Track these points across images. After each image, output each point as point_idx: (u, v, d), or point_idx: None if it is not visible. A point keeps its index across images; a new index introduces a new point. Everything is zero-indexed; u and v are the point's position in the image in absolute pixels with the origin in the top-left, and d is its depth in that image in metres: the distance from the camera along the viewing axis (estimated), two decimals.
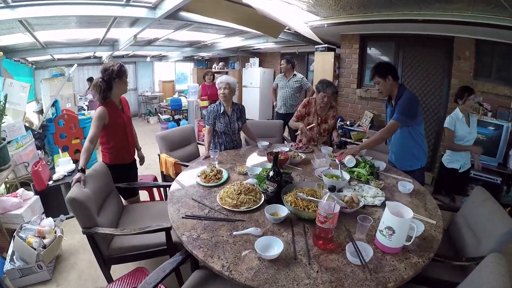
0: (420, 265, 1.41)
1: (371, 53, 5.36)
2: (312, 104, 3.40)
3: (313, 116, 3.38)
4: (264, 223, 1.73)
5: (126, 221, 2.41)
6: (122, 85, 2.51)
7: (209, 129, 3.09)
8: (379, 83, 2.53)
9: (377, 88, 2.59)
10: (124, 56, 9.27)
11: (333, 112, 3.42)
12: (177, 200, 2.00)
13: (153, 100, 10.60)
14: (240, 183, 2.04)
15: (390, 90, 2.55)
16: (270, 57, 9.12)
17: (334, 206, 1.41)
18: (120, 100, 2.61)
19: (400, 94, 2.51)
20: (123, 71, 2.47)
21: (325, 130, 3.42)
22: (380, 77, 2.50)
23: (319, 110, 3.37)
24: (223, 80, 3.02)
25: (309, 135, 3.46)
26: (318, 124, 3.38)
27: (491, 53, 4.01)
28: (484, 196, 2.06)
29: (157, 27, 5.04)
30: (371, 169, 2.43)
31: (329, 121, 3.40)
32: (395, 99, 2.56)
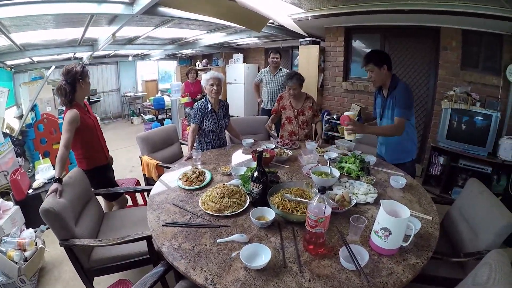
0: (419, 266, 1.32)
1: (356, 46, 5.29)
2: (286, 97, 3.38)
3: (290, 110, 3.36)
4: (250, 228, 1.60)
5: (107, 229, 2.27)
6: (86, 86, 2.43)
7: (194, 127, 2.94)
8: (373, 71, 2.41)
9: (369, 77, 2.48)
10: (105, 56, 9.04)
11: (310, 103, 3.34)
12: (157, 206, 1.85)
13: (137, 100, 10.37)
14: (223, 185, 1.90)
15: (384, 80, 2.46)
16: (254, 52, 8.99)
17: (325, 209, 1.29)
18: (84, 103, 2.53)
19: (393, 84, 2.43)
20: (86, 72, 2.40)
21: (303, 122, 3.36)
22: (376, 66, 2.39)
23: (293, 102, 3.34)
24: (214, 76, 2.86)
25: (289, 128, 3.41)
26: (295, 116, 3.34)
27: (478, 43, 3.99)
28: (480, 188, 1.98)
29: (136, 24, 4.89)
30: (361, 164, 2.32)
31: (307, 113, 3.33)
32: (387, 90, 2.47)
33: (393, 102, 2.42)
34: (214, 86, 2.83)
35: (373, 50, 2.54)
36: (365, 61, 2.45)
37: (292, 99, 3.32)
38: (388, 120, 2.49)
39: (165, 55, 9.94)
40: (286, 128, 3.44)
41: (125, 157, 5.70)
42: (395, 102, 2.38)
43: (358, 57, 5.29)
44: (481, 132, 3.65)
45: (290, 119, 3.36)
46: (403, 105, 2.33)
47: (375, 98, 2.72)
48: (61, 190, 1.97)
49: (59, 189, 1.96)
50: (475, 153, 3.68)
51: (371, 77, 2.46)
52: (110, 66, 9.95)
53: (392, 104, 2.43)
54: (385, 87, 2.52)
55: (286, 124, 3.43)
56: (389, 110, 2.48)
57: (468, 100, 3.75)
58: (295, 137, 3.38)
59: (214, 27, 5.72)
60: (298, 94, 3.25)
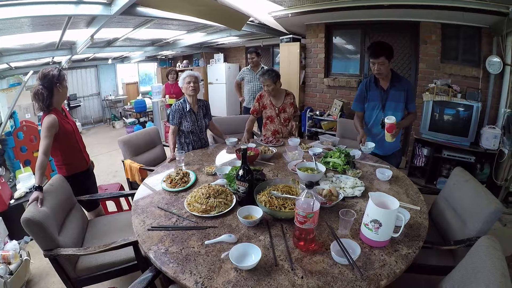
0: (411, 256, 1.31)
1: (337, 42, 5.31)
2: (265, 96, 3.30)
3: (271, 108, 3.28)
4: (238, 227, 1.56)
5: (92, 237, 2.19)
6: (64, 90, 2.35)
7: (174, 129, 2.88)
8: (384, 64, 2.40)
9: (377, 68, 2.44)
10: (84, 60, 8.84)
11: (291, 99, 3.29)
12: (141, 210, 1.78)
13: (118, 104, 10.14)
14: (208, 186, 1.85)
15: (387, 73, 2.51)
16: (235, 51, 8.92)
17: (313, 204, 1.25)
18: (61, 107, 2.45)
19: (396, 77, 2.55)
20: (63, 75, 2.32)
21: (285, 120, 3.31)
22: (387, 58, 2.39)
23: (273, 100, 3.27)
24: (190, 74, 2.81)
25: (271, 128, 3.35)
26: (277, 114, 3.28)
27: (457, 36, 4.07)
28: (466, 177, 1.99)
29: (115, 26, 4.77)
30: (346, 158, 2.31)
31: (288, 109, 3.27)
32: (388, 82, 2.55)
33: (398, 94, 2.54)
34: (191, 83, 2.77)
35: (383, 42, 2.48)
36: (377, 53, 2.40)
37: (272, 97, 3.25)
38: (392, 111, 2.55)
39: (145, 57, 9.77)
40: (268, 127, 3.38)
41: (108, 162, 5.57)
42: (404, 95, 2.54)
43: (339, 54, 5.32)
44: (463, 123, 3.72)
45: (272, 118, 3.30)
46: (414, 99, 2.61)
47: (367, 91, 2.68)
48: (42, 199, 1.88)
49: (40, 197, 1.87)
50: (458, 143, 3.74)
51: (380, 70, 2.44)
52: (89, 70, 9.72)
53: (397, 96, 2.54)
54: (385, 80, 2.56)
55: (268, 124, 3.37)
56: (393, 102, 2.56)
57: (449, 92, 3.81)
58: (278, 136, 3.32)
59: (194, 27, 5.63)
60: (275, 90, 3.16)
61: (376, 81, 2.61)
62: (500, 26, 3.36)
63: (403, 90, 2.54)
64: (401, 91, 2.54)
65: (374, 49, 2.42)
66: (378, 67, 2.42)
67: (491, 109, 3.81)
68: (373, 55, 2.42)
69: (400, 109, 2.58)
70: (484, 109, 3.79)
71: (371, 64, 2.48)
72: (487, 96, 3.80)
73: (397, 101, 2.56)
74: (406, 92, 2.54)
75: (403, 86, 2.53)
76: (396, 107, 2.56)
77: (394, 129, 2.36)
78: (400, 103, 2.56)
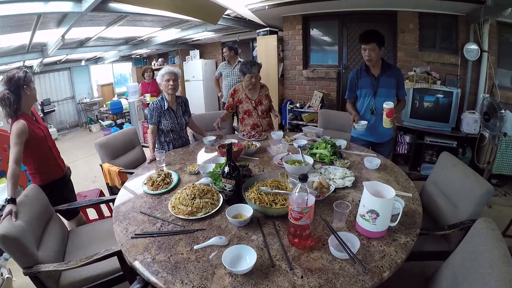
0: (410, 244, 1.27)
1: (314, 34, 5.28)
2: (240, 90, 3.23)
3: (247, 102, 3.21)
4: (228, 228, 1.46)
5: (74, 248, 2.04)
6: (32, 92, 2.19)
7: (153, 128, 2.76)
8: (374, 50, 2.43)
9: (367, 54, 2.47)
10: (57, 62, 8.50)
11: (266, 91, 3.26)
12: (123, 217, 1.66)
13: (93, 107, 9.81)
14: (192, 185, 1.74)
15: (377, 60, 2.53)
16: (211, 47, 8.71)
17: (307, 198, 1.18)
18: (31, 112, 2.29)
19: (387, 65, 2.59)
20: (29, 77, 2.17)
21: (263, 112, 3.25)
22: (377, 45, 2.42)
23: (249, 93, 3.21)
24: (169, 71, 2.68)
25: (250, 122, 3.27)
26: (254, 107, 3.21)
27: (434, 25, 4.12)
28: (453, 161, 1.99)
29: (87, 24, 4.61)
30: (333, 149, 2.25)
31: (264, 102, 3.23)
32: (379, 69, 2.57)
33: (389, 81, 2.57)
34: (171, 81, 2.65)
35: (374, 30, 2.54)
36: (367, 39, 2.45)
37: (248, 90, 3.18)
38: (384, 97, 2.54)
39: (119, 56, 9.46)
40: (246, 122, 3.30)
41: (86, 167, 5.34)
42: (394, 82, 2.58)
43: (317, 45, 5.30)
44: (443, 109, 3.76)
45: (250, 112, 3.23)
46: (404, 86, 2.68)
47: (358, 78, 2.69)
48: (16, 212, 1.72)
49: (13, 210, 1.71)
50: (440, 129, 3.77)
51: (370, 56, 2.46)
52: (62, 73, 9.34)
53: (388, 83, 2.58)
54: (375, 67, 2.59)
55: (246, 119, 3.29)
56: (384, 88, 2.58)
57: (429, 79, 3.86)
58: (258, 129, 3.24)
59: (168, 23, 5.50)
60: (256, 82, 3.11)
61: (367, 69, 2.62)
62: (477, 14, 3.42)
63: (394, 77, 2.58)
64: (392, 78, 2.57)
65: (365, 35, 2.48)
66: (369, 53, 2.45)
67: (470, 94, 3.89)
68: (364, 41, 2.46)
69: (392, 95, 2.62)
70: (463, 95, 3.85)
71: (362, 51, 2.52)
72: (466, 82, 3.86)
73: (388, 88, 2.58)
74: (397, 79, 2.58)
75: (394, 73, 2.58)
76: (387, 93, 2.58)
77: (394, 113, 2.38)
78: (391, 89, 2.60)
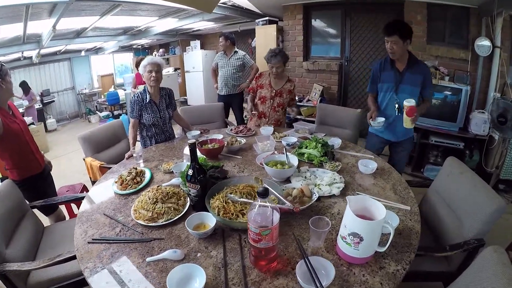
0: (400, 274, 1.04)
1: (316, 25, 5.04)
2: (266, 76, 3.09)
3: (267, 89, 3.05)
4: (188, 239, 1.26)
5: (47, 247, 1.91)
6: (7, 86, 2.08)
7: (134, 122, 2.59)
8: (396, 43, 2.24)
9: (389, 47, 2.28)
10: (57, 53, 8.40)
11: (290, 86, 3.06)
12: (86, 218, 1.49)
13: (93, 97, 9.74)
14: (156, 188, 1.54)
15: (402, 54, 2.32)
16: (212, 38, 8.52)
17: (272, 216, 0.95)
18: (8, 105, 2.18)
19: (413, 60, 2.36)
20: (5, 70, 2.06)
21: (279, 105, 3.07)
22: (401, 38, 2.22)
23: (273, 82, 3.04)
24: (152, 61, 2.49)
25: (260, 109, 3.11)
26: (271, 97, 3.04)
27: (444, 17, 3.87)
28: (461, 168, 1.74)
29: (79, 14, 4.49)
30: (324, 149, 2.01)
31: (285, 95, 3.05)
32: (405, 64, 2.36)
33: (414, 78, 2.36)
34: (153, 72, 2.47)
35: (399, 20, 2.39)
36: (390, 31, 2.26)
37: (273, 78, 3.03)
38: (406, 95, 2.34)
39: (119, 47, 9.33)
40: (257, 108, 3.15)
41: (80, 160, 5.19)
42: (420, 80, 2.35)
43: (318, 37, 5.07)
44: (451, 107, 3.49)
45: (265, 99, 3.06)
46: (432, 85, 2.47)
47: (380, 71, 2.50)
48: None
49: None
50: (446, 128, 3.51)
51: (392, 49, 2.27)
52: (62, 63, 9.24)
53: (413, 80, 2.36)
54: (400, 61, 2.38)
55: (258, 104, 3.13)
56: (407, 85, 2.37)
57: (436, 75, 3.63)
58: (264, 120, 3.09)
59: (165, 12, 5.34)
60: (282, 73, 2.98)
61: (392, 62, 2.43)
62: (489, 7, 3.18)
63: (420, 74, 2.35)
64: (417, 75, 2.35)
65: (388, 26, 2.29)
66: (391, 45, 2.27)
67: (480, 93, 3.62)
68: (386, 33, 2.27)
69: (415, 94, 2.39)
70: (473, 93, 3.60)
71: (385, 43, 2.32)
72: (476, 79, 3.60)
73: (412, 85, 2.37)
74: (423, 77, 2.36)
75: (420, 70, 2.36)
76: (411, 91, 2.37)
77: (415, 112, 2.17)
78: (416, 87, 2.38)
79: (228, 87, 4.37)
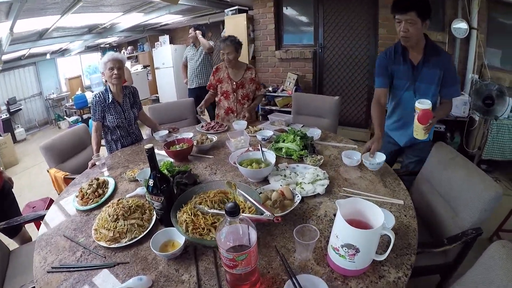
0: (402, 282, 0.91)
1: (288, 13, 4.88)
2: (223, 69, 2.87)
3: (227, 82, 2.85)
4: (156, 261, 1.07)
5: (15, 272, 1.69)
6: None
7: (97, 125, 2.36)
8: (413, 23, 1.63)
9: (403, 29, 1.66)
10: (21, 58, 7.92)
11: (251, 74, 2.86)
12: (46, 243, 1.27)
13: (62, 102, 9.24)
14: (117, 202, 1.33)
15: (419, 39, 1.74)
16: (181, 32, 8.20)
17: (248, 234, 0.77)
18: None
19: (433, 49, 1.77)
20: None
21: (244, 97, 2.87)
22: (419, 16, 1.61)
23: (232, 73, 2.84)
24: (112, 58, 2.27)
25: (225, 105, 2.91)
26: (234, 90, 2.83)
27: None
28: (451, 154, 1.63)
29: (39, 14, 4.22)
30: (303, 141, 1.84)
31: (247, 85, 2.85)
32: (421, 54, 1.78)
33: (431, 73, 1.79)
34: (114, 69, 2.25)
35: None
36: (403, 6, 1.64)
37: (231, 69, 2.82)
38: (424, 96, 1.78)
39: (85, 47, 8.91)
40: (222, 104, 2.94)
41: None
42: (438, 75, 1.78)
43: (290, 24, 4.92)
44: None
45: (227, 94, 2.86)
46: (457, 81, 1.83)
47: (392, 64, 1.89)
48: None
49: None
50: None
51: (407, 32, 1.66)
52: (28, 69, 8.71)
53: (429, 76, 1.80)
54: (415, 50, 1.80)
55: (222, 100, 2.92)
56: (424, 84, 1.83)
57: None
58: (232, 115, 2.89)
59: (129, 6, 5.05)
60: (235, 61, 2.76)
61: (404, 52, 1.84)
62: None
63: (439, 68, 1.76)
64: (435, 69, 1.77)
65: (400, 1, 1.67)
66: (405, 27, 1.65)
67: (458, 74, 3.55)
68: (398, 9, 1.66)
69: (431, 93, 1.82)
70: None
71: (396, 24, 1.72)
72: (454, 61, 3.54)
73: (428, 82, 1.81)
74: (443, 71, 1.77)
75: (439, 62, 1.75)
76: (425, 90, 1.83)
77: (430, 119, 1.60)
78: (431, 85, 1.81)
79: (198, 79, 4.22)
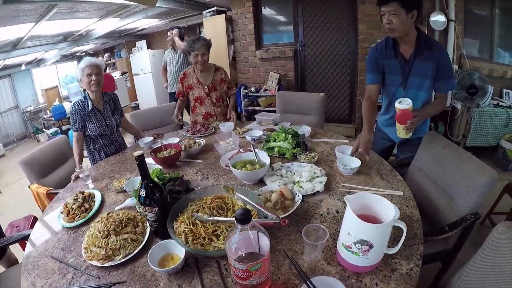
0: (415, 273, 0.90)
1: (267, 12, 4.88)
2: (191, 74, 2.80)
3: (198, 87, 2.79)
4: (155, 278, 1.00)
5: None
6: None
7: (78, 136, 2.27)
8: (398, 16, 1.58)
9: (387, 20, 1.63)
10: None
11: (221, 75, 2.83)
12: (33, 266, 1.16)
13: (40, 114, 8.98)
14: (107, 216, 1.24)
15: (406, 31, 1.68)
16: (159, 36, 8.17)
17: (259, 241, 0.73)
18: None
19: (426, 42, 1.71)
20: None
21: (218, 99, 2.84)
22: (403, 7, 1.57)
23: (201, 77, 2.78)
24: (90, 63, 2.19)
25: (202, 111, 2.85)
26: (207, 94, 2.78)
27: None
28: (442, 142, 1.64)
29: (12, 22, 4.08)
30: (295, 139, 1.81)
31: (219, 87, 2.82)
32: (413, 48, 1.74)
33: (424, 66, 1.73)
34: (93, 75, 2.17)
35: None
36: None
37: (200, 73, 2.76)
38: (418, 91, 1.80)
39: (61, 56, 8.69)
40: (198, 111, 2.87)
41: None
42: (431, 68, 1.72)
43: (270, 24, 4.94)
44: None
45: (202, 99, 2.80)
46: (452, 74, 1.75)
47: (384, 58, 1.84)
48: None
49: None
50: None
51: (391, 23, 1.62)
52: (2, 81, 8.40)
53: (422, 69, 1.74)
54: (406, 43, 1.75)
55: (197, 107, 2.86)
56: (416, 77, 1.78)
57: None
58: (212, 119, 2.82)
59: (105, 12, 4.94)
60: (207, 64, 2.70)
61: (395, 46, 1.79)
62: None
63: (432, 61, 1.70)
64: (428, 62, 1.71)
65: None
66: (389, 18, 1.61)
67: None
68: (381, 0, 1.62)
69: (425, 88, 1.79)
70: None
71: (382, 17, 1.68)
72: None
73: (422, 77, 1.76)
74: (436, 64, 1.70)
75: (433, 55, 1.69)
76: (419, 85, 1.78)
77: (409, 119, 1.59)
78: (425, 79, 1.76)
79: None
